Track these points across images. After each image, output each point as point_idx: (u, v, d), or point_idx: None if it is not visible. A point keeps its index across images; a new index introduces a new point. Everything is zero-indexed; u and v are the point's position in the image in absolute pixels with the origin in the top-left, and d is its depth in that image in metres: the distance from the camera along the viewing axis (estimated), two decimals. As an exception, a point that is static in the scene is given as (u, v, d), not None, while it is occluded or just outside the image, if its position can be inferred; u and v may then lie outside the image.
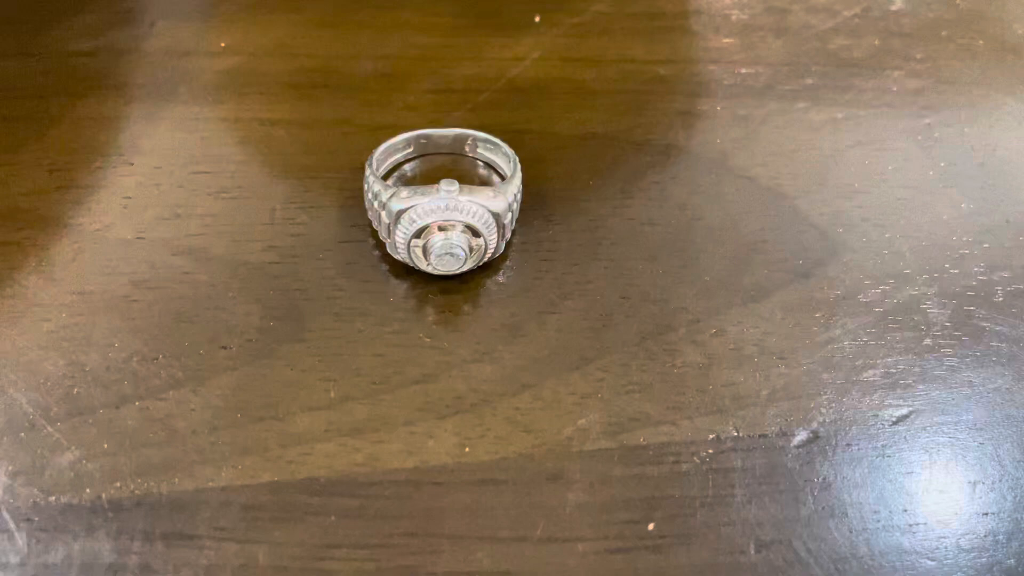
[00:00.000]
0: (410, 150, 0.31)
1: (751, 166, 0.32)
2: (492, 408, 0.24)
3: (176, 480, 0.23)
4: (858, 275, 0.28)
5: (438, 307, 0.27)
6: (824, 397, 0.25)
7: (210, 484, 0.23)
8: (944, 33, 0.38)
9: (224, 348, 0.25)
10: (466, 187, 0.26)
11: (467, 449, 0.24)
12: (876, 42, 0.38)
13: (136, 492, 0.23)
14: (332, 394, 0.25)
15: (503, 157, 0.30)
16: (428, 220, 0.26)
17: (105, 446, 0.23)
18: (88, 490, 0.23)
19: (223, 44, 0.36)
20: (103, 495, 0.22)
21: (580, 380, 0.25)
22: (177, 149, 0.31)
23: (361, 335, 0.26)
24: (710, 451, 0.24)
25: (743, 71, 0.36)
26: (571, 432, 0.24)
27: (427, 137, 0.31)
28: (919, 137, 0.33)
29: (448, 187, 0.26)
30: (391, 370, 0.25)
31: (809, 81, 0.36)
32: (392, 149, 0.30)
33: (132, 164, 0.31)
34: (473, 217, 0.26)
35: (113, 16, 0.37)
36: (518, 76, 0.35)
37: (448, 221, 0.26)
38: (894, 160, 0.32)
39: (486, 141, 0.30)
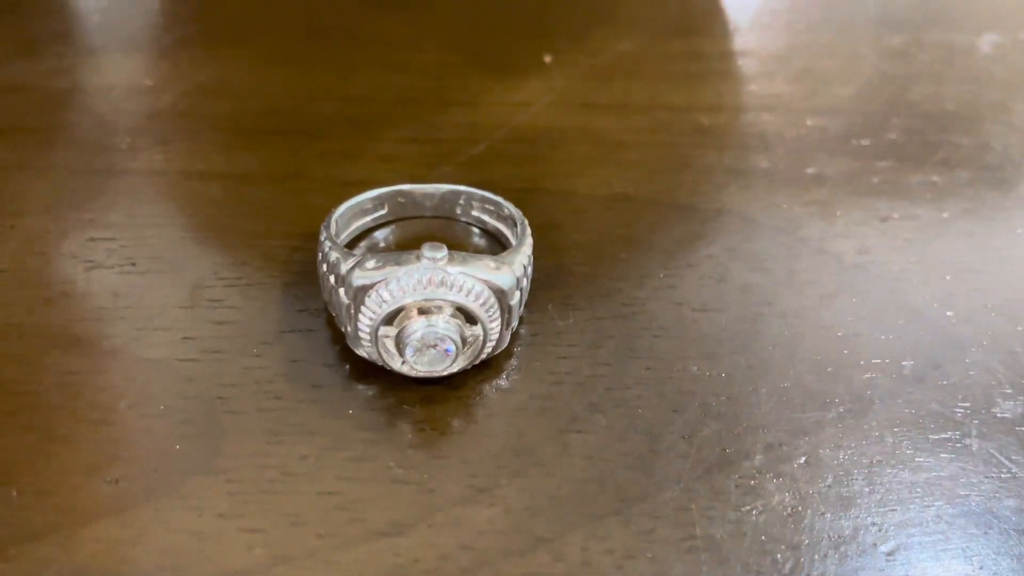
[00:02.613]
0: (383, 211, 0.25)
1: (830, 237, 0.26)
2: (493, 573, 0.18)
3: None
4: (988, 380, 0.22)
5: (416, 423, 0.21)
6: (976, 555, 0.19)
7: None
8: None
9: (108, 482, 0.19)
10: (458, 254, 0.20)
11: (456, 639, 0.17)
12: (967, 90, 0.33)
13: None
14: (258, 552, 0.18)
15: (507, 222, 0.24)
16: (404, 300, 0.20)
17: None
18: None
19: (149, 82, 0.30)
20: None
21: (620, 532, 0.19)
22: (73, 208, 0.25)
23: (304, 464, 0.20)
24: (815, 641, 0.17)
25: (809, 123, 0.31)
26: (610, 612, 0.17)
27: (406, 195, 0.25)
28: (1047, 202, 0.27)
29: (433, 253, 0.20)
30: (346, 516, 0.19)
31: (892, 136, 0.30)
32: (358, 210, 0.24)
33: (12, 227, 0.25)
34: (468, 296, 0.20)
35: (12, 46, 0.31)
36: (524, 124, 0.30)
37: (432, 301, 0.20)
38: (1011, 232, 0.26)
39: (484, 200, 0.25)
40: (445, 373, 0.21)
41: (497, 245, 0.25)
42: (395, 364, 0.21)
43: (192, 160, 0.27)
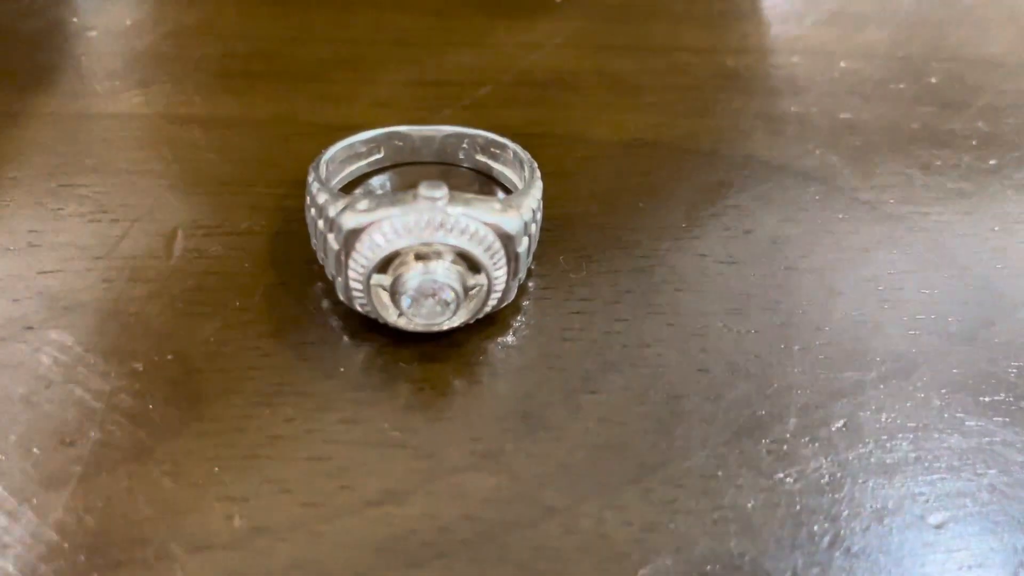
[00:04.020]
0: (378, 156, 0.23)
1: (867, 187, 0.24)
2: (498, 547, 0.17)
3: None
4: (1044, 339, 0.21)
5: (414, 382, 0.19)
6: (1034, 531, 0.17)
7: None
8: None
9: (69, 444, 0.18)
10: (460, 194, 0.18)
11: (456, 619, 0.16)
12: (1011, 34, 0.31)
13: None
14: (237, 522, 0.17)
15: (514, 166, 0.23)
16: (400, 244, 0.18)
17: None
18: None
19: (128, 21, 0.28)
20: None
21: (638, 501, 0.17)
22: (44, 154, 0.24)
23: (291, 427, 0.18)
24: (857, 622, 0.16)
25: (843, 65, 0.29)
26: (629, 589, 0.16)
27: (403, 137, 0.23)
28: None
29: (431, 192, 0.18)
30: (335, 483, 0.17)
31: (932, 80, 0.29)
32: (350, 153, 0.23)
33: (-25, 174, 0.23)
34: (470, 241, 0.18)
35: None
36: (533, 66, 0.28)
37: (430, 246, 0.18)
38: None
39: (490, 143, 0.23)
40: (445, 327, 0.19)
41: (504, 193, 0.24)
42: (390, 317, 0.19)
43: (173, 104, 0.26)
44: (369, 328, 0.20)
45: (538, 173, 0.21)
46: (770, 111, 0.27)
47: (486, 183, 0.24)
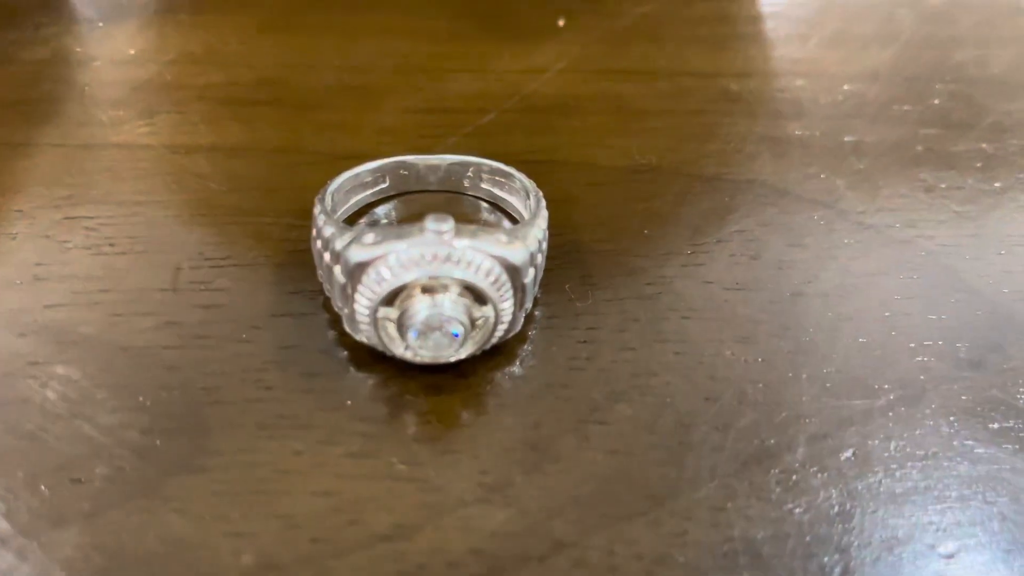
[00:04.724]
0: (383, 185, 0.23)
1: (873, 210, 0.24)
2: (508, 582, 0.16)
3: None
4: (1052, 366, 0.20)
5: (421, 414, 0.19)
6: (1045, 561, 0.17)
7: None
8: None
9: (78, 482, 0.18)
10: (466, 227, 0.18)
11: (467, 656, 0.15)
12: (1014, 53, 0.31)
13: None
14: (246, 559, 0.17)
15: (519, 194, 0.23)
16: (406, 277, 0.18)
17: None
18: None
19: (132, 51, 0.29)
20: None
21: (649, 534, 0.17)
22: (49, 186, 0.24)
23: (298, 461, 0.18)
24: (870, 656, 0.16)
25: (846, 88, 0.29)
26: (639, 624, 0.16)
27: (408, 166, 0.23)
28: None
29: (437, 226, 0.18)
30: (343, 518, 0.17)
31: (936, 101, 0.29)
32: (356, 183, 0.23)
33: (-20, 206, 0.23)
34: (476, 273, 0.18)
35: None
36: (537, 92, 0.28)
37: (437, 279, 0.18)
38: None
39: (495, 172, 0.23)
40: (452, 359, 0.19)
41: (509, 221, 0.24)
42: (397, 350, 0.19)
43: (178, 133, 0.26)
44: (375, 360, 0.20)
45: (543, 202, 0.21)
46: (774, 134, 0.27)
47: (491, 211, 0.24)
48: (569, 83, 0.29)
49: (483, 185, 0.24)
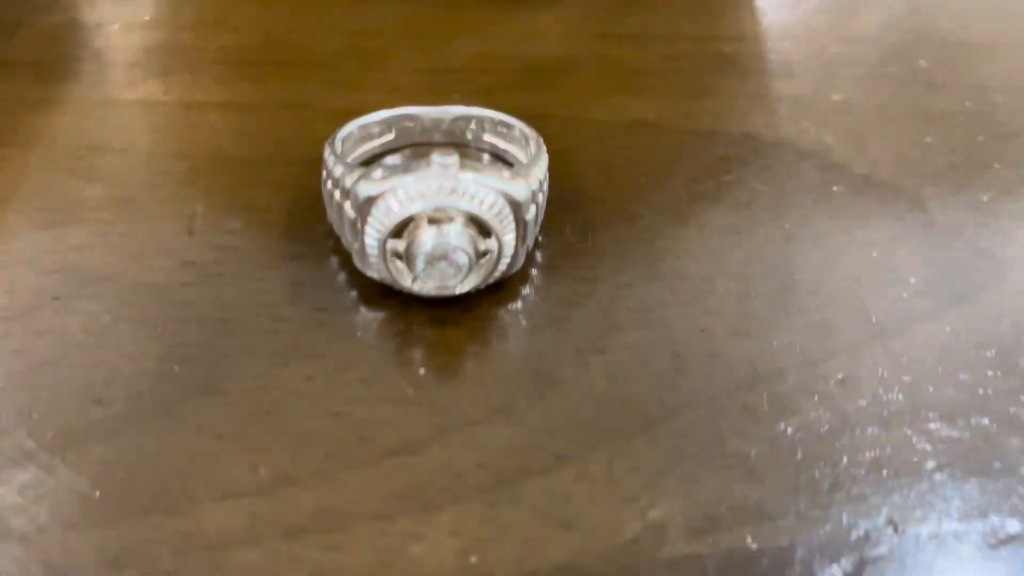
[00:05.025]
0: (390, 136, 0.24)
1: (861, 160, 0.25)
2: (512, 492, 0.17)
3: (1, 612, 0.15)
4: (1030, 303, 0.21)
5: (429, 345, 0.19)
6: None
7: (55, 618, 0.15)
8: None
9: (99, 404, 0.18)
10: (471, 162, 0.19)
11: (473, 558, 0.16)
12: (995, 20, 0.31)
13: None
14: (262, 472, 0.17)
15: (520, 143, 0.23)
16: (413, 208, 0.18)
17: None
18: None
19: (147, 16, 0.29)
20: None
21: (646, 450, 0.18)
22: (68, 138, 0.24)
23: (311, 385, 0.18)
24: (856, 557, 0.16)
25: (834, 50, 0.29)
26: (638, 529, 0.16)
27: (413, 118, 0.24)
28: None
29: (444, 159, 0.18)
30: (355, 436, 0.18)
31: (922, 63, 0.29)
32: (364, 133, 0.23)
33: (3, 158, 0.24)
34: (481, 205, 0.18)
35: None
36: (536, 54, 0.28)
37: (443, 211, 0.18)
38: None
39: (497, 123, 0.23)
40: (458, 292, 0.20)
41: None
42: (405, 282, 0.19)
43: (191, 91, 0.26)
44: (384, 296, 0.20)
45: (543, 147, 0.22)
46: (765, 93, 0.27)
47: (495, 162, 0.24)
48: (568, 46, 0.29)
49: (486, 137, 0.24)
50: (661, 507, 0.17)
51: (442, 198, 0.18)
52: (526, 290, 0.21)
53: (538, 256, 0.22)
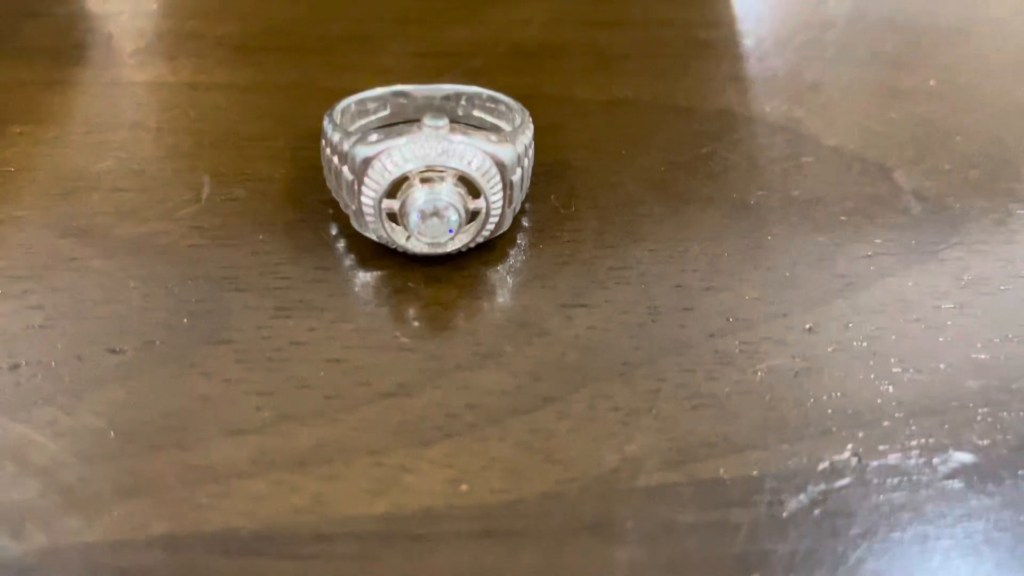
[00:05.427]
0: (384, 113, 0.24)
1: (832, 133, 0.25)
2: (500, 429, 0.17)
3: (24, 534, 0.15)
4: (989, 258, 0.21)
5: (423, 300, 0.20)
6: (979, 410, 0.18)
7: (74, 540, 0.15)
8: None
9: (114, 352, 0.19)
10: (460, 126, 0.19)
11: (464, 487, 0.16)
12: (958, 5, 0.32)
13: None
14: (265, 412, 0.17)
15: (508, 119, 0.24)
16: (407, 167, 0.19)
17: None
18: None
19: (154, 5, 0.30)
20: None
21: (625, 390, 0.18)
22: (81, 116, 0.25)
23: (311, 335, 0.19)
24: (822, 486, 0.17)
25: (804, 36, 0.30)
26: (617, 462, 0.17)
27: (406, 95, 0.24)
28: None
29: (434, 122, 0.19)
30: (352, 379, 0.18)
31: (888, 47, 0.30)
32: (361, 108, 0.24)
33: (20, 132, 0.24)
34: (469, 165, 0.19)
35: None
36: (523, 38, 0.29)
37: (435, 169, 0.19)
38: (1009, 126, 0.26)
39: (486, 99, 0.24)
40: (449, 248, 0.20)
41: (499, 142, 0.25)
42: (399, 240, 0.20)
43: (197, 73, 0.27)
44: (380, 256, 0.21)
45: (529, 118, 0.22)
46: (739, 74, 0.28)
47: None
48: (553, 32, 0.30)
49: (475, 113, 0.25)
50: (638, 442, 0.17)
51: (433, 158, 0.19)
52: (514, 251, 0.22)
53: (525, 222, 0.22)
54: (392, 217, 0.20)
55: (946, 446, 0.17)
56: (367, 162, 0.19)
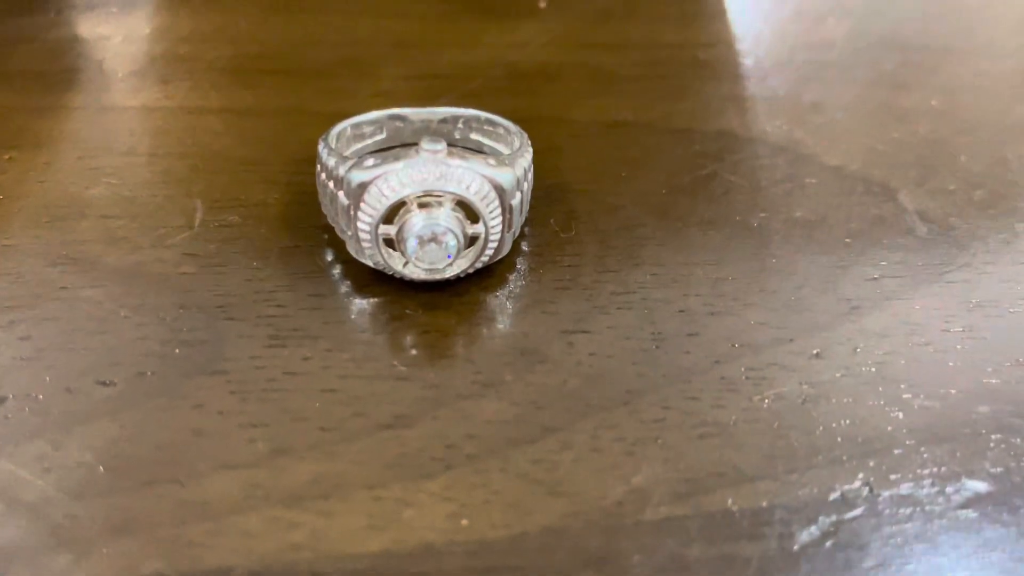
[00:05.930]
0: (380, 136, 0.24)
1: (832, 153, 0.25)
2: (501, 460, 0.17)
3: (11, 575, 0.15)
4: (996, 280, 0.21)
5: (420, 328, 0.20)
6: (992, 436, 0.17)
7: (62, 582, 0.15)
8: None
9: (104, 384, 0.18)
10: (458, 150, 0.19)
11: (464, 521, 0.16)
12: (954, 24, 0.32)
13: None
14: (260, 446, 0.17)
15: (506, 142, 0.23)
16: (404, 193, 0.18)
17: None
18: None
19: (147, 29, 0.29)
20: None
21: (629, 420, 0.18)
22: (73, 141, 0.24)
23: (306, 365, 0.18)
24: (833, 517, 0.16)
25: (805, 56, 0.30)
26: (622, 494, 0.16)
27: (403, 118, 0.24)
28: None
29: (432, 146, 0.19)
30: (349, 411, 0.18)
31: (888, 67, 0.29)
32: (356, 132, 0.23)
33: (10, 159, 0.24)
34: (469, 190, 0.19)
35: (6, 4, 0.30)
36: (521, 61, 0.29)
37: (432, 194, 0.19)
38: (1017, 142, 0.25)
39: (483, 122, 0.24)
40: (448, 275, 0.20)
41: (497, 165, 0.24)
42: (397, 266, 0.20)
43: (191, 97, 0.26)
44: (377, 283, 0.21)
45: (528, 141, 0.22)
46: (739, 95, 0.28)
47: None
48: (550, 54, 0.29)
49: (473, 136, 0.24)
50: (644, 473, 0.17)
51: (431, 183, 0.19)
52: (513, 276, 0.21)
53: (524, 246, 0.22)
54: (389, 243, 0.19)
55: (959, 474, 0.17)
56: (363, 187, 0.19)
